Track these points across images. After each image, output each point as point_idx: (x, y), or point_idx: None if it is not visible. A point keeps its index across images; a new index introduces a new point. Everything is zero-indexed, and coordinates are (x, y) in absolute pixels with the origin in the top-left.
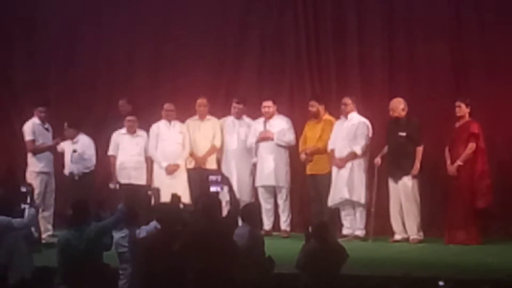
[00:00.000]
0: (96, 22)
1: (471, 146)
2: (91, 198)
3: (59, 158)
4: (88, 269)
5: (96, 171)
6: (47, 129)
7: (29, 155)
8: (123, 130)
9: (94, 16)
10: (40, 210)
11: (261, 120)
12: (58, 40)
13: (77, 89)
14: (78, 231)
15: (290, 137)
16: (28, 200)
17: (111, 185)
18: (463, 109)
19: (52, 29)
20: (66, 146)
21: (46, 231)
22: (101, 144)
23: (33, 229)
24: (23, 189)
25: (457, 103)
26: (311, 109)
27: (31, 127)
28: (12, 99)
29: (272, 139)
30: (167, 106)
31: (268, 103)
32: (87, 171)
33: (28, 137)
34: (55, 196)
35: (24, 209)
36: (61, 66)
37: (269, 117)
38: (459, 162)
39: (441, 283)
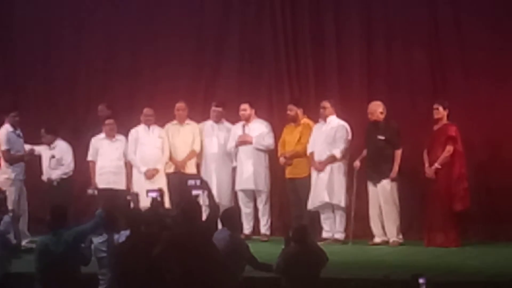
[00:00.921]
0: (75, 27)
1: (449, 149)
2: (69, 204)
3: (36, 164)
4: (66, 274)
5: (75, 176)
6: (19, 135)
7: (3, 163)
8: (102, 135)
9: (73, 20)
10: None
11: (240, 124)
12: (35, 44)
13: (55, 94)
14: (56, 235)
15: (269, 141)
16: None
17: (89, 191)
18: (440, 112)
19: (29, 33)
20: (43, 152)
21: (24, 237)
22: (80, 150)
23: (12, 235)
24: (0, 196)
25: (435, 106)
26: (289, 113)
27: (5, 136)
28: None
29: (251, 143)
30: (146, 111)
31: (245, 106)
32: (65, 176)
33: (4, 146)
34: (31, 201)
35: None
36: (38, 71)
37: (245, 119)
38: (436, 165)
39: (421, 280)
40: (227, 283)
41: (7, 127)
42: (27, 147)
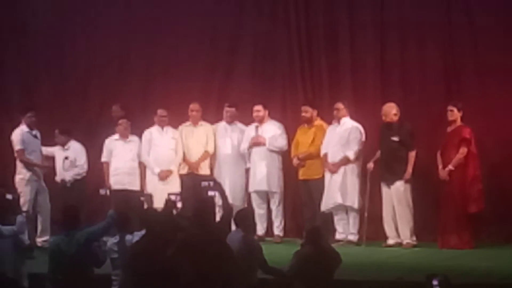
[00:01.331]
0: (89, 28)
1: (463, 151)
2: (82, 205)
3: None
4: (78, 275)
5: (89, 177)
6: (35, 136)
7: (19, 163)
8: (116, 136)
9: (87, 21)
10: (34, 216)
11: (253, 125)
12: (49, 45)
13: (68, 94)
14: (68, 236)
15: (282, 142)
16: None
17: (102, 191)
18: (455, 114)
19: (43, 33)
20: (57, 153)
21: (43, 235)
22: (94, 150)
23: (26, 236)
24: (9, 197)
25: (449, 107)
26: (304, 114)
27: (20, 136)
28: (2, 106)
29: (264, 145)
30: (160, 112)
31: (259, 107)
32: (78, 177)
33: (17, 146)
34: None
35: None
36: (52, 72)
37: (259, 121)
38: (450, 167)
39: (434, 282)
40: (241, 285)
41: (22, 127)
42: (43, 149)
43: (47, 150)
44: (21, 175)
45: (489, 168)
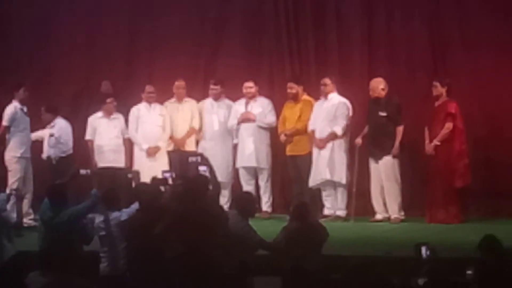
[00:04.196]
0: (74, 3)
1: (448, 125)
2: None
3: (37, 142)
4: (67, 252)
5: (75, 155)
6: (26, 113)
7: (10, 140)
8: (99, 114)
9: None
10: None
11: (242, 101)
12: (33, 20)
13: (53, 71)
14: (53, 212)
15: (271, 118)
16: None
17: (82, 171)
18: (438, 89)
19: (27, 7)
20: (46, 131)
21: (27, 215)
22: (78, 126)
23: (14, 214)
24: None
25: (434, 83)
26: (290, 91)
27: (13, 113)
28: None
29: (254, 121)
30: (148, 88)
31: (250, 83)
32: (63, 155)
33: (5, 122)
34: (34, 180)
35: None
36: (35, 48)
37: (250, 97)
38: (436, 142)
39: (424, 249)
40: (233, 259)
41: (15, 104)
42: (33, 135)
43: (36, 135)
44: (12, 152)
45: (476, 142)
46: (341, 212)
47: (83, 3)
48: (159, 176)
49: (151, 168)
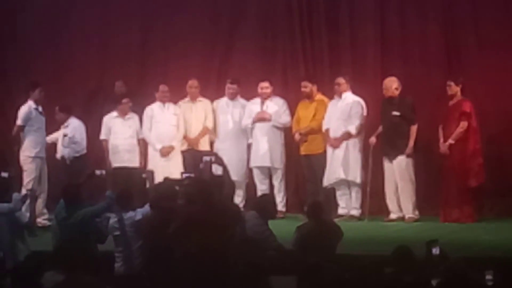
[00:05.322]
0: (85, 4)
1: (463, 125)
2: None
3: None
4: (81, 252)
5: (89, 155)
6: (41, 113)
7: (25, 140)
8: (114, 114)
9: None
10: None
11: (256, 101)
12: (45, 20)
13: (66, 70)
14: (67, 212)
15: (286, 118)
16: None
17: (97, 172)
18: (453, 88)
19: (39, 8)
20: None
21: (42, 215)
22: (92, 126)
23: (27, 213)
24: (4, 175)
25: (448, 82)
26: (304, 89)
27: (27, 112)
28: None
29: (269, 120)
30: (162, 87)
31: (265, 83)
32: (77, 155)
33: (19, 121)
34: (48, 180)
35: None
36: (49, 47)
37: (266, 97)
38: (450, 141)
39: (434, 250)
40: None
41: (30, 104)
42: (48, 138)
43: (51, 137)
44: (27, 152)
45: (490, 141)
46: (355, 212)
47: (96, 3)
48: (175, 176)
49: (165, 168)
